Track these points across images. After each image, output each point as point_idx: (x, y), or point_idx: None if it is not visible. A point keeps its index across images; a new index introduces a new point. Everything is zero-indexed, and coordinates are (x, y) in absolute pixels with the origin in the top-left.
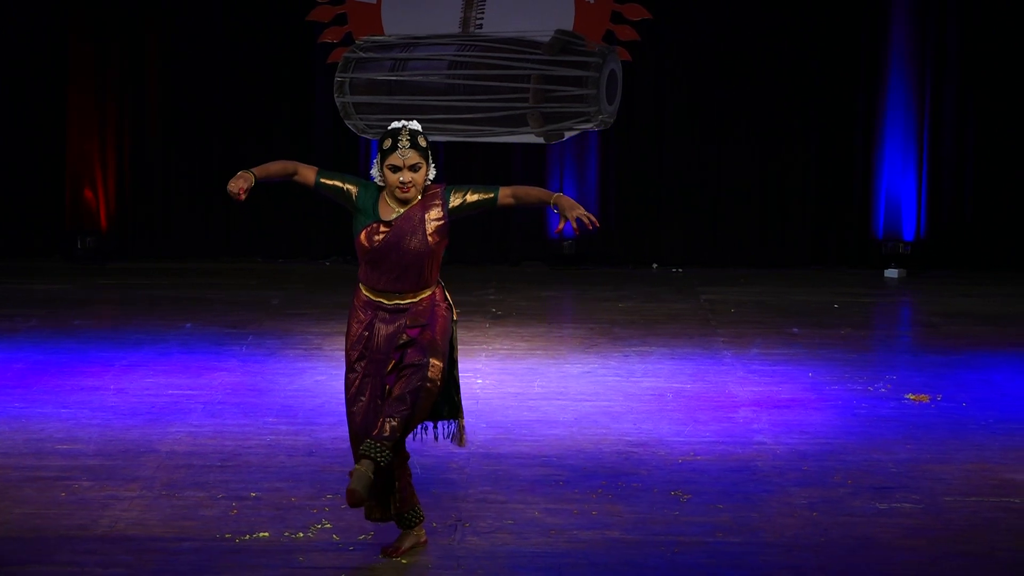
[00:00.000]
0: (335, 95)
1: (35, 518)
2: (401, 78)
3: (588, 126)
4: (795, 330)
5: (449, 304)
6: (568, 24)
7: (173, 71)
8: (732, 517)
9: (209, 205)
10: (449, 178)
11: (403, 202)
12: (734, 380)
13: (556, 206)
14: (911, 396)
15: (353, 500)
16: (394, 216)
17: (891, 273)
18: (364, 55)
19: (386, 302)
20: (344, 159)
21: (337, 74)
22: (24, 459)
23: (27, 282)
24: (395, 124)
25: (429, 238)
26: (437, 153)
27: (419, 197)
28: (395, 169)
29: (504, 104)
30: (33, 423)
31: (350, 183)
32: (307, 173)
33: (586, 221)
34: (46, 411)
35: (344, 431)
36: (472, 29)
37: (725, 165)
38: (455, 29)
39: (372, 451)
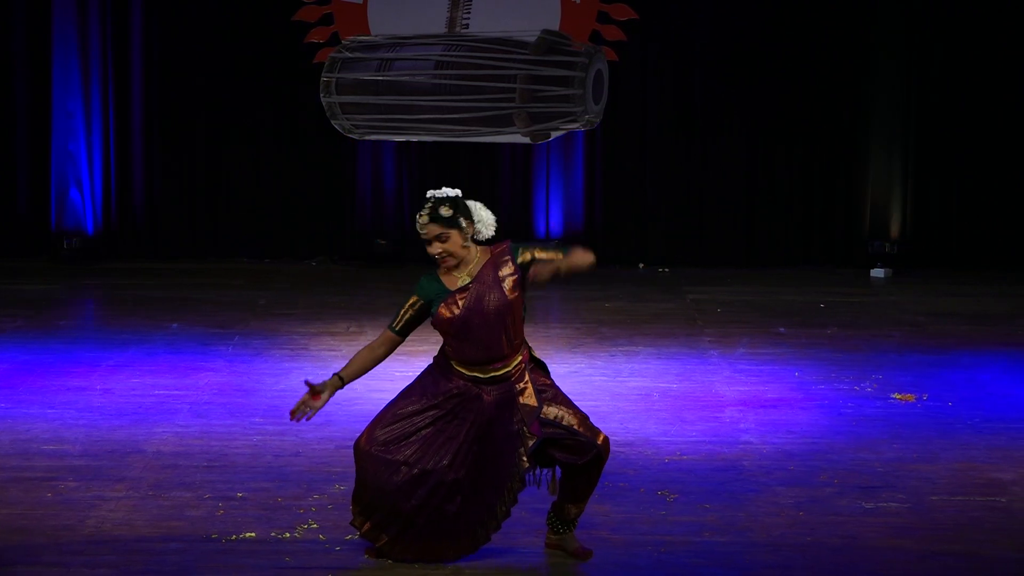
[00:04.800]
0: (321, 95)
1: (21, 519)
2: (388, 78)
3: (574, 126)
4: (782, 329)
5: (533, 358)
6: (554, 24)
7: (159, 71)
8: (719, 517)
9: (195, 205)
10: (436, 177)
11: (458, 268)
12: (721, 380)
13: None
14: (897, 395)
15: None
16: (464, 282)
17: (877, 272)
18: (350, 55)
19: (481, 375)
20: (330, 159)
21: (323, 74)
22: (10, 460)
23: (13, 283)
24: (429, 193)
25: (507, 293)
26: (425, 157)
27: (487, 257)
28: (427, 243)
29: (490, 104)
30: (19, 424)
31: (413, 301)
32: (388, 340)
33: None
34: (32, 412)
35: (332, 432)
36: (458, 29)
37: (711, 165)
38: (441, 29)
39: (572, 527)
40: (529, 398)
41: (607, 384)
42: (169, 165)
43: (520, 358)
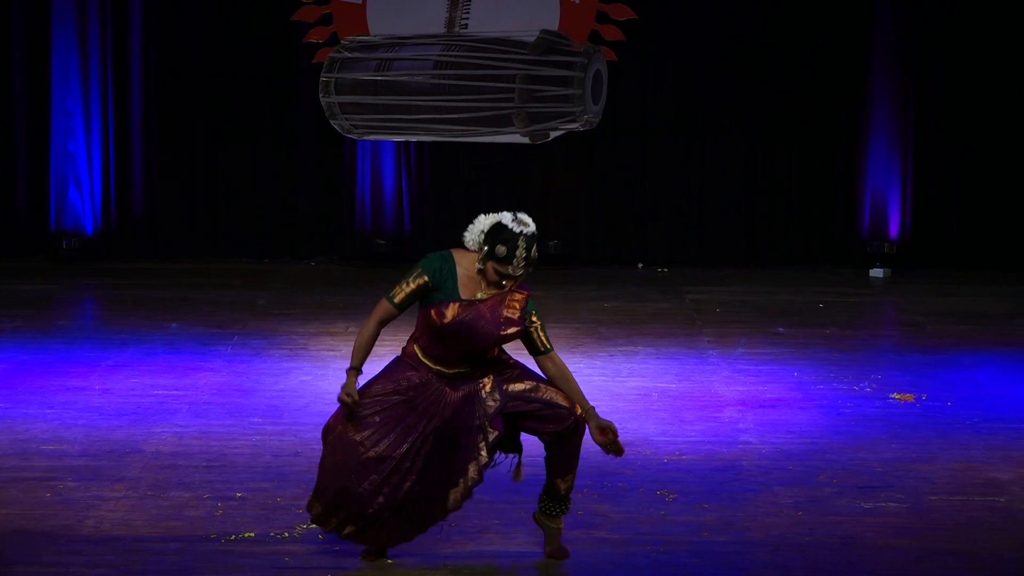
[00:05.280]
0: (320, 95)
1: (20, 519)
2: (387, 78)
3: (573, 126)
4: (780, 329)
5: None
6: (553, 24)
7: (158, 71)
8: (718, 516)
9: (194, 205)
10: (435, 177)
11: (489, 285)
12: (720, 380)
13: (583, 416)
14: (896, 395)
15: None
16: (476, 296)
17: (876, 272)
18: (349, 55)
19: (445, 370)
20: (329, 159)
21: (322, 74)
22: (9, 460)
23: (12, 283)
24: (515, 228)
25: (500, 329)
26: (424, 157)
27: (506, 289)
28: (504, 276)
29: (489, 104)
30: (18, 424)
31: (419, 277)
32: (385, 313)
33: (606, 449)
34: (31, 412)
35: None
36: (457, 29)
37: (710, 165)
38: (440, 29)
39: (563, 509)
40: (493, 394)
41: (606, 384)
42: (168, 165)
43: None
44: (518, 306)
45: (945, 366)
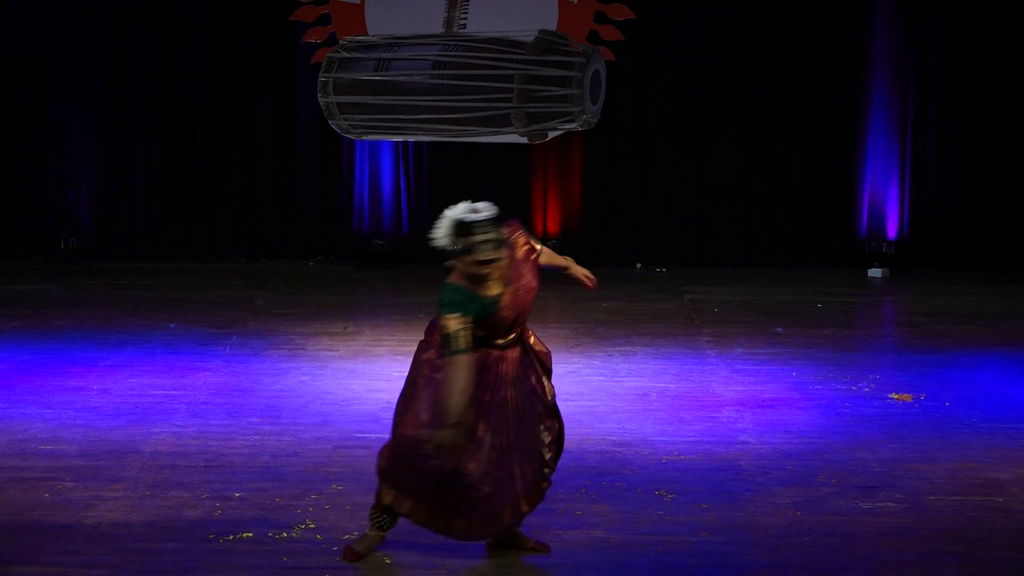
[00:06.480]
0: (319, 95)
1: (19, 519)
2: (385, 78)
3: (572, 126)
4: (779, 330)
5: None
6: (552, 24)
7: (156, 71)
8: (716, 516)
9: (192, 205)
10: (433, 177)
11: (487, 278)
12: (718, 380)
13: (566, 270)
14: (895, 395)
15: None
16: (505, 287)
17: (874, 272)
18: (348, 55)
19: (502, 341)
20: (327, 159)
21: (321, 74)
22: (7, 460)
23: (10, 283)
24: (465, 217)
25: (534, 279)
26: (423, 157)
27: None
28: (486, 263)
29: (488, 104)
30: (17, 424)
31: (464, 320)
32: (469, 364)
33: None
34: (29, 412)
35: (329, 432)
36: (456, 29)
37: (709, 165)
38: (439, 29)
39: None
40: (537, 344)
41: (605, 384)
42: (167, 165)
43: None
44: (525, 243)
45: (943, 366)
